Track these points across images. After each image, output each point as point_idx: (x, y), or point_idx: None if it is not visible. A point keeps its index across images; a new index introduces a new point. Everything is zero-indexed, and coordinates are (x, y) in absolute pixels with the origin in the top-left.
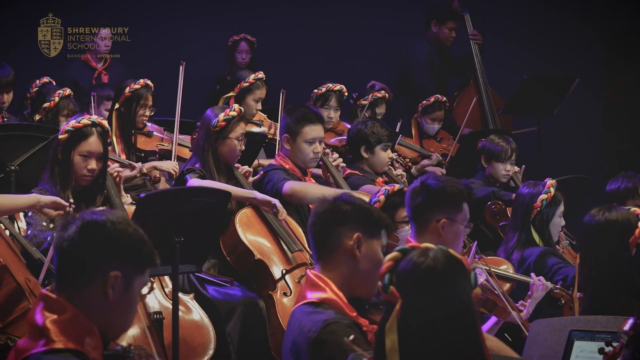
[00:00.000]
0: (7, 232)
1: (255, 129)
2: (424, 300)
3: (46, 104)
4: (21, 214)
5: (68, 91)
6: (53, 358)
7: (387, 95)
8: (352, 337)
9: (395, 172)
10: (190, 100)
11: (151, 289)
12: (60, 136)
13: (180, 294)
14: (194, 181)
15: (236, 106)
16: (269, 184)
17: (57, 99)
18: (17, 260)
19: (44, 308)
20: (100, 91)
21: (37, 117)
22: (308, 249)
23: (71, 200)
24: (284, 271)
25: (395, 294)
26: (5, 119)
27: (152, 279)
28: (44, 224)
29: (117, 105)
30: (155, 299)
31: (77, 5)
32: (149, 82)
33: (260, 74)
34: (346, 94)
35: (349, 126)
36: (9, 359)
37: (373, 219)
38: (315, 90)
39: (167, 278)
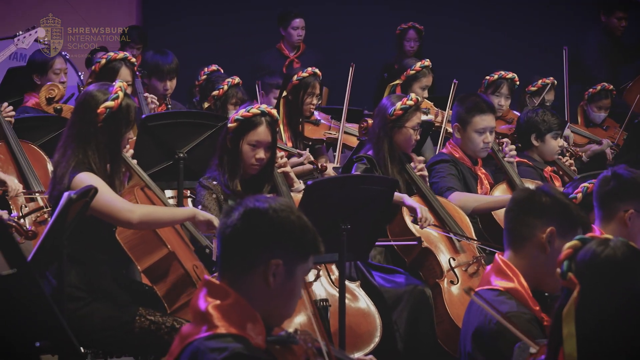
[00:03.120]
0: None
1: (422, 117)
2: (602, 289)
3: (215, 92)
4: (189, 202)
5: (237, 79)
6: (216, 343)
7: (555, 82)
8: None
9: (564, 160)
10: (358, 88)
11: (318, 277)
12: (229, 125)
13: (346, 282)
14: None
15: (413, 95)
16: (435, 186)
17: (225, 87)
18: (185, 247)
19: (207, 294)
20: (268, 79)
21: (206, 104)
22: (475, 238)
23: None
24: (451, 259)
25: (573, 281)
26: (169, 106)
27: (318, 266)
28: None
29: (284, 93)
30: (322, 286)
31: None
32: (316, 70)
33: (427, 62)
34: (518, 82)
35: (518, 114)
36: (174, 345)
37: (571, 216)
38: (487, 77)
39: (333, 265)
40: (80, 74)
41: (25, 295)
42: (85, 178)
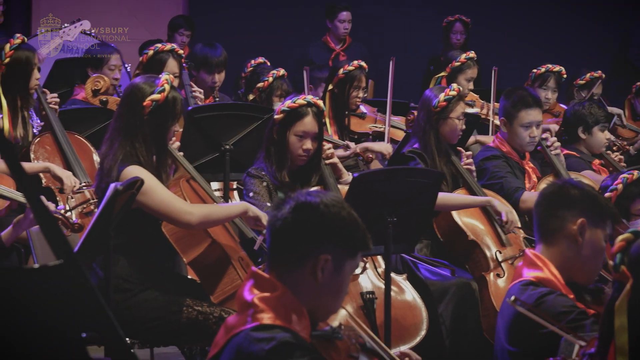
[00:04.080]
0: None
1: (468, 110)
2: None
3: (260, 84)
4: (235, 194)
5: (282, 71)
6: (262, 334)
7: (603, 75)
8: None
9: (613, 156)
10: (404, 81)
11: (364, 269)
12: (275, 116)
13: (392, 274)
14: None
15: (455, 85)
16: (498, 187)
17: (270, 79)
18: (230, 239)
19: (253, 285)
20: (318, 73)
21: (251, 96)
22: (522, 232)
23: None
24: (497, 253)
25: (626, 274)
26: (217, 99)
27: (365, 258)
28: (268, 204)
29: (330, 87)
30: (368, 278)
31: None
32: (363, 63)
33: (472, 54)
34: (565, 75)
35: (565, 107)
36: (219, 335)
37: (600, 207)
38: (535, 70)
39: (379, 258)
40: (127, 65)
41: (72, 286)
42: (135, 170)
